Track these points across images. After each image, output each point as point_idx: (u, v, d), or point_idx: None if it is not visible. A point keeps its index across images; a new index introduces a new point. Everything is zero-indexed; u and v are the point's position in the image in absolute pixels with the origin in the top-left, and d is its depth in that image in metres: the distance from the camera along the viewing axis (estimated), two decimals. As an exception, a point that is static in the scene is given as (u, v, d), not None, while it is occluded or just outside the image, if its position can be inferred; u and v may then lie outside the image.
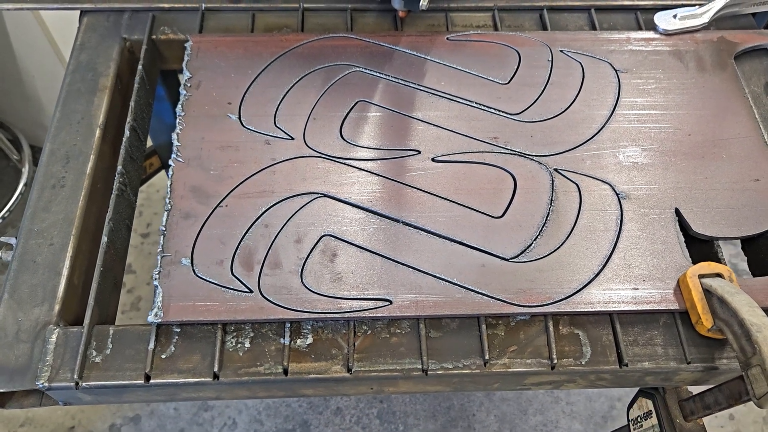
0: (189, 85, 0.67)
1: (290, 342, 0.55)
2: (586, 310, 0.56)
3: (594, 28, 0.75)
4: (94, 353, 0.54)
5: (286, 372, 0.54)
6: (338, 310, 0.55)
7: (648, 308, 0.56)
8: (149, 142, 1.03)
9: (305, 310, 0.55)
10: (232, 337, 0.55)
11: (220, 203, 0.60)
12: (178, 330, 0.55)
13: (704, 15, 0.73)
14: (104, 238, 0.59)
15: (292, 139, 0.64)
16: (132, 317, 1.36)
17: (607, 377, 0.56)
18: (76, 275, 0.59)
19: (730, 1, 0.73)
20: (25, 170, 1.51)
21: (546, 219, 0.60)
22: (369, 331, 0.56)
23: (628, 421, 0.73)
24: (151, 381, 0.53)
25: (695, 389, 0.63)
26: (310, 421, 1.25)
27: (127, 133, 0.65)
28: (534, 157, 0.64)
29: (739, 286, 0.54)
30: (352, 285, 0.56)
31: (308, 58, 0.70)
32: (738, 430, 1.26)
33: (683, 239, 0.60)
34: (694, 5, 0.74)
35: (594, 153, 0.64)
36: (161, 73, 0.79)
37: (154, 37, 0.73)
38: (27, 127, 1.55)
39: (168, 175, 0.62)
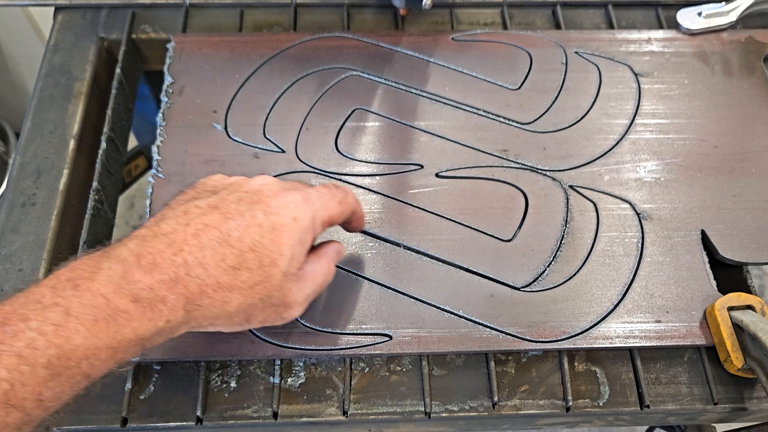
0: (171, 91, 0.62)
1: (281, 381, 0.50)
2: (604, 345, 0.51)
3: (611, 26, 0.69)
4: (66, 393, 0.50)
5: (275, 415, 0.49)
6: (333, 347, 0.50)
7: (672, 344, 0.51)
8: (135, 142, 0.98)
9: (297, 346, 0.50)
10: (217, 376, 0.51)
11: (204, 225, 0.54)
12: (158, 367, 0.51)
13: (732, 13, 0.67)
14: (77, 264, 0.54)
15: (283, 152, 0.59)
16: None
17: (626, 418, 0.52)
18: (47, 304, 0.54)
19: (760, -2, 0.67)
20: (12, 159, 1.46)
21: (560, 242, 0.55)
22: (367, 369, 0.51)
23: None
24: (129, 425, 0.49)
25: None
26: None
27: (103, 144, 0.60)
28: (547, 172, 0.58)
29: (772, 321, 0.49)
30: (348, 318, 0.51)
31: (301, 61, 0.64)
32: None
33: (709, 265, 0.55)
34: (720, 1, 0.68)
35: (613, 167, 0.59)
36: (145, 70, 0.74)
37: (134, 36, 0.67)
38: (13, 117, 1.50)
39: (148, 193, 0.57)
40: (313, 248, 0.46)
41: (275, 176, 0.57)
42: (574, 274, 0.54)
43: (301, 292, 0.43)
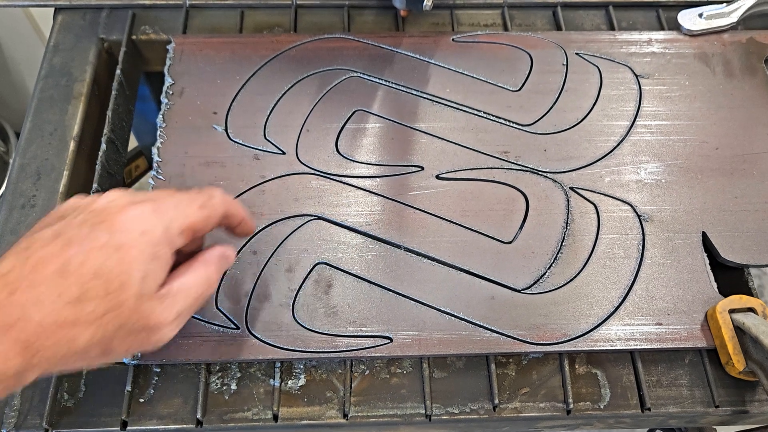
0: (171, 92, 0.62)
1: (281, 383, 0.50)
2: (605, 348, 0.51)
3: (612, 27, 0.69)
4: (66, 396, 0.50)
5: (276, 418, 0.49)
6: (333, 349, 0.50)
7: (673, 346, 0.51)
8: (135, 143, 0.98)
9: (297, 349, 0.50)
10: (218, 378, 0.50)
11: (204, 227, 0.54)
12: (158, 370, 0.50)
13: (733, 14, 0.66)
14: (77, 266, 0.53)
15: (284, 153, 0.59)
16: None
17: (627, 421, 0.52)
18: (47, 306, 0.54)
19: (761, -1, 0.67)
20: (12, 161, 1.45)
21: (561, 244, 0.55)
22: (367, 371, 0.51)
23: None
24: (128, 428, 0.48)
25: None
26: None
27: (103, 146, 0.59)
28: (548, 174, 0.58)
29: (774, 324, 0.49)
30: (349, 320, 0.51)
31: (301, 62, 0.64)
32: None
33: (710, 267, 0.55)
34: (721, 2, 0.68)
35: (613, 169, 0.59)
36: (145, 71, 0.73)
37: (134, 37, 0.67)
38: (13, 118, 1.50)
39: (148, 194, 0.56)
40: (190, 257, 0.43)
41: (275, 178, 0.57)
42: (575, 276, 0.53)
43: (167, 312, 0.38)
